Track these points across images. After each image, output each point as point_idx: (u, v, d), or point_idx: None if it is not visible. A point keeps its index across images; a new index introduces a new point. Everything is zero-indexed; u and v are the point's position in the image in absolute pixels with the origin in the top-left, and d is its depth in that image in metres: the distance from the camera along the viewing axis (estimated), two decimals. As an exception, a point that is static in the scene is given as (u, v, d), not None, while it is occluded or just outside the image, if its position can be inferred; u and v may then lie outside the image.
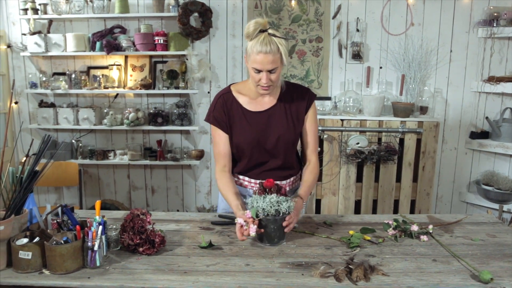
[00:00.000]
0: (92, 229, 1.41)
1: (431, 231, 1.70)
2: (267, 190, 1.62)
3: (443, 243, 1.62)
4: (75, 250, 1.37)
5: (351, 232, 1.70)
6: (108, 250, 1.53)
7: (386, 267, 1.42)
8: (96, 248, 1.39)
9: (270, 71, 1.67)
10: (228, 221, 1.82)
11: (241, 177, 1.91)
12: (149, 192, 3.90)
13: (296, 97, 1.85)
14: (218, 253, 1.53)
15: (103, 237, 1.47)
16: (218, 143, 1.85)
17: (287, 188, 1.89)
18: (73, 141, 3.69)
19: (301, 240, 1.65)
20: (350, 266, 1.39)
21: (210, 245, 1.57)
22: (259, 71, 1.68)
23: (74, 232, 1.44)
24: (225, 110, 1.83)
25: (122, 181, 3.90)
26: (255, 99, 1.84)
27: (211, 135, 3.06)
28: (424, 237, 1.65)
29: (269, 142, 1.83)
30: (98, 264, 1.41)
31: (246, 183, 1.90)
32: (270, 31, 1.66)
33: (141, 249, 1.50)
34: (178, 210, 3.91)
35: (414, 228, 1.67)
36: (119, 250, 1.55)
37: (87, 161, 3.66)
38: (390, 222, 1.73)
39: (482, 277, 1.32)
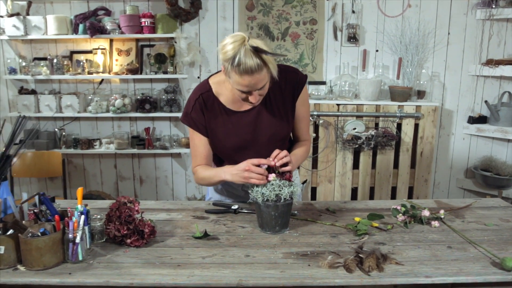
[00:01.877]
0: (73, 219, 1.26)
1: (442, 216, 1.58)
2: (271, 168, 1.48)
3: (455, 229, 1.51)
4: (54, 243, 1.22)
5: (357, 218, 1.58)
6: (92, 243, 1.39)
7: (399, 256, 1.30)
8: (78, 240, 1.25)
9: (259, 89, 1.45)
10: (224, 209, 1.69)
11: None
12: (137, 182, 3.74)
13: (284, 85, 1.61)
14: (215, 244, 1.40)
15: (86, 228, 1.32)
16: (198, 145, 1.67)
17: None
18: (56, 129, 3.51)
19: (303, 228, 1.52)
20: (360, 255, 1.26)
21: (205, 235, 1.43)
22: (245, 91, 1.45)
23: (53, 223, 1.29)
24: (205, 113, 1.61)
25: (109, 171, 3.73)
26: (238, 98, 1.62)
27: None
28: (435, 223, 1.54)
29: (260, 143, 1.66)
30: (80, 258, 1.26)
31: None
32: (251, 42, 1.37)
33: (128, 240, 1.36)
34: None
35: (426, 213, 1.55)
36: (105, 242, 1.41)
37: (71, 151, 3.48)
38: (399, 208, 1.61)
39: (504, 264, 1.21)
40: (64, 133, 3.50)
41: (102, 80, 3.53)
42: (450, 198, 3.70)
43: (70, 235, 1.24)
